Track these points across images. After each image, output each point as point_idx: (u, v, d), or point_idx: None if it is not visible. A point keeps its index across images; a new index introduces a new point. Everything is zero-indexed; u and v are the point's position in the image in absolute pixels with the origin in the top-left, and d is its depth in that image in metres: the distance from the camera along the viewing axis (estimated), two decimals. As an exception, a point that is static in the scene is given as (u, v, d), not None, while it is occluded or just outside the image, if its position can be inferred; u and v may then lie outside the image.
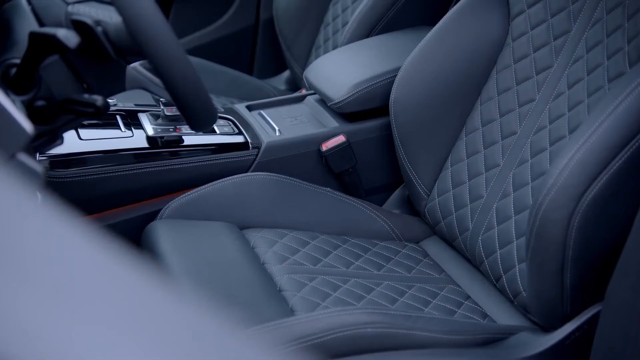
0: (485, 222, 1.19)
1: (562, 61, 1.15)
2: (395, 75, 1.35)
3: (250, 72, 2.15)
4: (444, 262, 1.29)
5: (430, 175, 1.33)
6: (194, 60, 1.84)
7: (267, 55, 2.15)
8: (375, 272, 1.22)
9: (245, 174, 1.30)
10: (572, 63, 1.13)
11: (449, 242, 1.31)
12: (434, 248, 1.34)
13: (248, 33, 2.12)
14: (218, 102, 1.75)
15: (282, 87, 2.07)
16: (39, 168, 0.64)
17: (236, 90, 1.87)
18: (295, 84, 2.03)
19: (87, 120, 1.14)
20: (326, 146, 1.38)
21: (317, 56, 1.86)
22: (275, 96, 1.86)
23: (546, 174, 0.96)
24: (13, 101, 0.74)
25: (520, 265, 1.10)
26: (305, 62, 1.91)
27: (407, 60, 1.33)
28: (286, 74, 2.11)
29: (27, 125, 0.63)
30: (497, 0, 1.27)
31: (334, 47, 1.81)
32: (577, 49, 1.13)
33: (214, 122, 0.86)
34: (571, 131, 1.08)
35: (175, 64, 0.78)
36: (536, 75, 1.19)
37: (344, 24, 1.80)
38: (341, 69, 1.48)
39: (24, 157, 0.63)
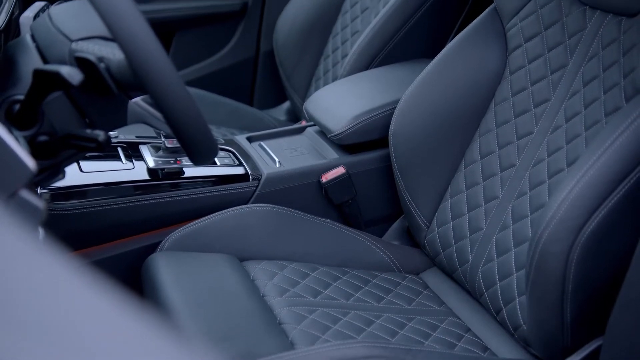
0: (485, 254, 1.20)
1: (560, 94, 1.16)
2: (395, 107, 1.36)
3: (250, 103, 2.16)
4: (444, 294, 1.29)
5: (430, 206, 1.33)
6: (195, 91, 1.86)
7: (268, 86, 2.17)
8: (375, 304, 1.22)
9: (246, 205, 1.31)
10: (569, 97, 1.14)
11: (449, 273, 1.31)
12: (434, 280, 1.33)
13: (248, 64, 2.15)
14: (218, 133, 1.76)
15: (282, 117, 2.08)
16: (40, 204, 0.64)
17: (236, 121, 1.88)
18: (295, 115, 2.05)
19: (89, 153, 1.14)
20: (326, 178, 1.38)
21: (317, 87, 1.88)
22: (276, 127, 1.87)
23: (545, 207, 0.97)
24: (16, 137, 0.74)
25: (521, 298, 1.10)
26: (305, 93, 1.93)
27: (407, 92, 1.35)
28: (286, 104, 2.13)
29: (29, 162, 0.64)
30: (495, 34, 1.28)
31: (334, 79, 1.83)
32: (574, 83, 1.14)
33: (215, 155, 0.87)
34: (569, 164, 1.09)
35: (176, 99, 0.79)
36: (534, 108, 1.20)
37: (344, 56, 1.82)
38: (341, 100, 1.49)
39: (26, 194, 0.63)
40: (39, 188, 1.06)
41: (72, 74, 0.75)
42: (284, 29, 1.95)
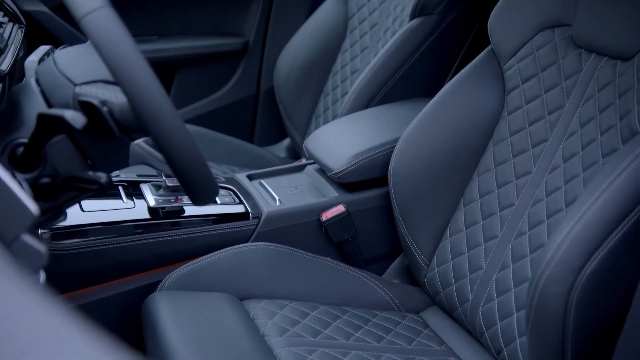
0: (485, 294, 1.19)
1: (557, 135, 1.17)
2: (394, 146, 1.37)
3: (251, 140, 2.18)
4: (444, 333, 1.28)
5: (430, 245, 1.33)
6: (196, 129, 1.88)
7: (268, 124, 2.19)
8: (375, 344, 1.21)
9: (246, 244, 1.31)
10: (566, 137, 1.15)
11: (449, 313, 1.31)
12: (435, 319, 1.33)
13: (249, 102, 2.17)
14: (219, 170, 1.77)
15: (283, 154, 2.10)
16: (42, 249, 0.64)
17: (237, 159, 1.90)
18: (295, 152, 2.06)
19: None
20: (326, 216, 1.39)
21: (317, 125, 1.90)
22: (276, 164, 1.88)
23: (544, 248, 0.97)
24: (19, 181, 0.75)
25: (522, 338, 1.09)
26: (305, 131, 1.94)
27: (406, 131, 1.36)
28: (286, 141, 2.14)
29: (32, 207, 0.64)
30: (493, 75, 1.30)
31: (334, 117, 1.85)
32: (572, 124, 1.15)
33: (215, 196, 0.87)
34: (568, 204, 1.10)
35: (177, 142, 0.80)
36: (532, 148, 1.21)
37: (344, 94, 1.84)
38: (341, 139, 1.50)
39: (28, 238, 0.64)
40: (40, 229, 1.07)
41: (75, 118, 0.76)
42: (285, 67, 1.97)
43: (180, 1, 2.03)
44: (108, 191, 0.89)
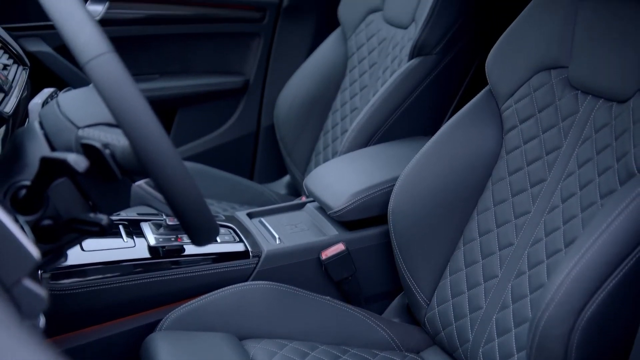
0: (486, 334, 1.19)
1: (555, 175, 1.18)
2: (394, 185, 1.38)
3: (251, 177, 2.19)
4: (445, 373, 1.28)
5: (430, 284, 1.33)
6: (196, 166, 1.89)
7: (268, 161, 2.20)
8: (375, 385, 1.21)
9: (246, 283, 1.31)
10: (564, 177, 1.16)
11: (450, 353, 1.30)
12: (435, 358, 1.32)
13: (249, 139, 2.18)
14: (219, 208, 1.78)
15: (283, 191, 2.10)
16: (43, 293, 0.65)
17: (237, 196, 1.90)
18: (295, 189, 2.07)
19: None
20: (326, 254, 1.39)
21: (316, 162, 1.91)
22: (276, 201, 1.89)
23: (544, 288, 0.97)
24: (21, 224, 0.75)
25: (522, 379, 1.09)
26: (305, 168, 1.95)
27: (405, 169, 1.37)
28: (286, 178, 2.15)
29: (34, 251, 0.64)
30: (491, 115, 1.31)
31: (334, 154, 1.86)
32: (569, 165, 1.16)
33: (215, 237, 0.87)
34: (567, 245, 1.10)
35: (178, 184, 0.81)
36: (530, 188, 1.22)
37: (343, 132, 1.86)
38: (340, 177, 1.51)
39: (29, 283, 0.64)
40: (40, 272, 1.06)
41: (78, 161, 0.77)
42: (285, 104, 1.99)
43: (182, 40, 2.06)
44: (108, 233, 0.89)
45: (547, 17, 1.23)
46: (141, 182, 0.93)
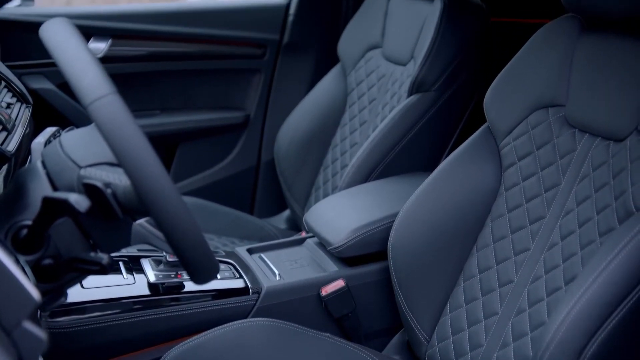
0: (487, 372, 1.18)
1: (554, 212, 1.19)
2: (393, 221, 1.38)
3: (251, 212, 2.19)
4: (446, 412, 1.26)
5: (430, 320, 1.33)
6: (197, 201, 1.90)
7: (268, 195, 2.21)
8: None
9: (245, 320, 1.30)
10: (563, 215, 1.17)
11: (451, 391, 1.29)
12: (436, 397, 1.31)
13: (250, 174, 2.19)
14: (219, 243, 1.78)
15: (283, 226, 2.10)
16: (43, 336, 0.65)
17: (237, 230, 1.90)
18: (295, 223, 2.07)
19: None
20: (326, 291, 1.39)
21: (316, 197, 1.92)
22: (276, 235, 1.89)
23: (544, 328, 0.97)
24: (22, 265, 0.76)
25: (524, 419, 1.08)
26: (305, 202, 1.96)
27: (405, 206, 1.37)
28: (286, 213, 2.15)
29: (34, 293, 0.65)
30: (490, 152, 1.32)
31: (334, 189, 1.87)
32: (568, 202, 1.17)
33: (216, 275, 0.88)
34: (567, 282, 1.10)
35: (179, 223, 0.81)
36: (530, 225, 1.22)
37: (343, 167, 1.87)
38: (340, 213, 1.52)
39: (29, 325, 0.64)
40: (39, 312, 1.06)
41: (79, 201, 0.77)
42: (285, 139, 2.01)
43: (183, 76, 2.08)
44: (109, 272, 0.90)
45: (544, 56, 1.25)
46: (142, 221, 0.94)
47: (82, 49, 0.80)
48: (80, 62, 0.79)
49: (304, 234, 1.63)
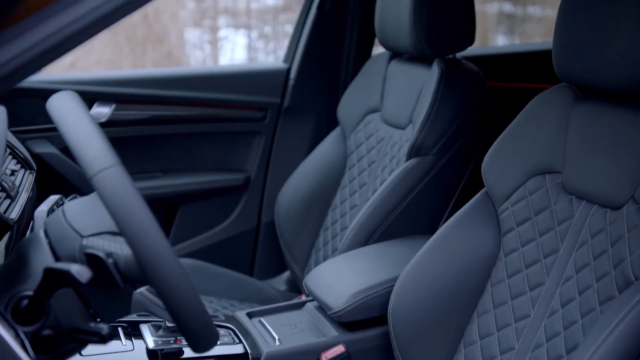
0: None
1: (554, 279, 1.19)
2: (393, 285, 1.38)
3: (251, 273, 2.19)
4: None
5: (431, 387, 1.31)
6: (196, 263, 1.90)
7: (268, 257, 2.21)
8: None
9: (245, 387, 1.29)
10: (563, 282, 1.17)
11: None
12: None
13: (250, 235, 2.20)
14: (219, 305, 1.77)
15: (282, 287, 2.10)
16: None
17: (237, 292, 1.90)
18: (295, 285, 2.06)
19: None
20: (326, 357, 1.38)
21: (316, 259, 1.91)
22: (276, 297, 1.88)
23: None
24: (22, 338, 0.76)
25: None
26: (305, 264, 1.96)
27: (405, 270, 1.37)
28: (286, 274, 2.15)
29: (33, 368, 0.64)
30: (488, 216, 1.33)
31: (333, 250, 1.87)
32: (567, 269, 1.17)
33: (215, 344, 0.87)
34: (568, 351, 1.09)
35: (179, 294, 0.81)
36: (530, 291, 1.22)
37: (343, 229, 1.87)
38: (340, 277, 1.51)
39: (27, 401, 0.63)
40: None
41: (81, 272, 0.78)
42: (286, 201, 2.02)
43: (185, 139, 2.11)
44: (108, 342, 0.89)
45: (540, 124, 1.27)
46: (143, 289, 0.94)
47: (86, 121, 0.82)
48: (84, 134, 0.81)
49: (304, 297, 1.62)
